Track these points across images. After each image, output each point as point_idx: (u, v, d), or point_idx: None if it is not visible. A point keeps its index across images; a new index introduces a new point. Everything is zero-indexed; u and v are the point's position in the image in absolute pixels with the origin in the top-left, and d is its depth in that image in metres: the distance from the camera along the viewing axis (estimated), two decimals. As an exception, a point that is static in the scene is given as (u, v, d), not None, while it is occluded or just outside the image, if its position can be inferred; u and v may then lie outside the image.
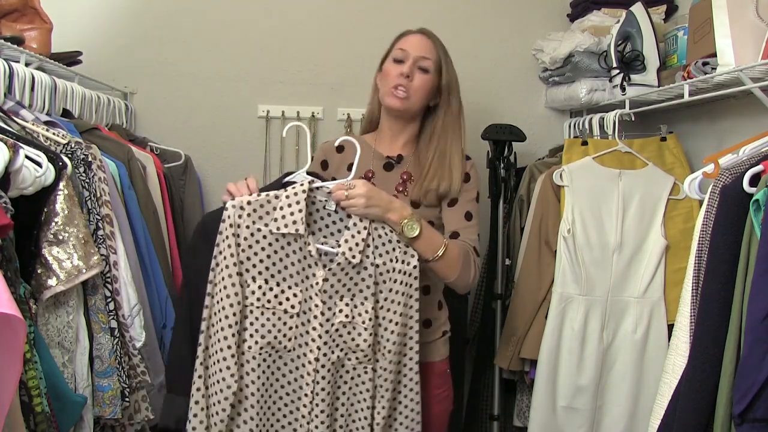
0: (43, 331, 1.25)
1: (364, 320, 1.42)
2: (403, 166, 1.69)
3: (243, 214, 1.38)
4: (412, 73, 1.63)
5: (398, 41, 1.70)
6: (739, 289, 1.16)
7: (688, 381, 1.24)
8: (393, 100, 1.64)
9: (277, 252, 1.40)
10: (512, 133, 2.37)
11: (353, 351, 1.43)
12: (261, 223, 1.39)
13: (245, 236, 1.38)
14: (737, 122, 1.93)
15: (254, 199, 1.39)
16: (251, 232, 1.38)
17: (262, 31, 2.56)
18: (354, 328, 1.42)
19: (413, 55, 1.64)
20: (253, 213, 1.39)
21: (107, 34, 2.46)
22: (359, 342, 1.42)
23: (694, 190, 1.47)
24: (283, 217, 1.38)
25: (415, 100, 1.65)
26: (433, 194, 1.63)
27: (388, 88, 1.65)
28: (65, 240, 1.26)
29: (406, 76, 1.62)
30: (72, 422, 1.26)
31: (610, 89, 2.26)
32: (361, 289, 1.42)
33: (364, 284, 1.42)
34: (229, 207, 1.38)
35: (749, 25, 1.55)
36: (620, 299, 1.97)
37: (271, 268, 1.40)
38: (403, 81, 1.62)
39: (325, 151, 1.75)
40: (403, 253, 1.44)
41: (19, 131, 1.35)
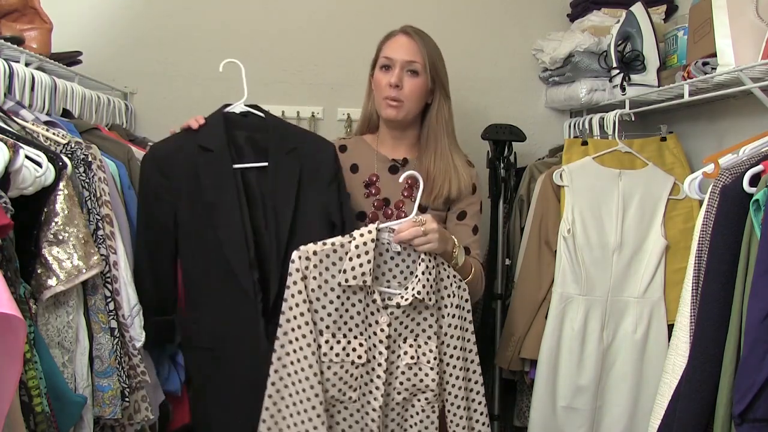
0: (43, 331, 1.25)
1: (429, 359, 1.42)
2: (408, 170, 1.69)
3: (310, 265, 1.36)
4: (401, 80, 1.62)
5: (383, 46, 1.68)
6: (739, 289, 1.16)
7: (688, 381, 1.24)
8: (389, 110, 1.64)
9: (344, 303, 1.39)
10: (512, 133, 2.36)
11: (422, 391, 1.43)
12: (328, 274, 1.37)
13: (312, 288, 1.37)
14: (737, 122, 1.93)
15: (320, 249, 1.37)
16: (318, 284, 1.37)
17: (262, 31, 2.56)
18: (420, 369, 1.42)
19: (400, 61, 1.63)
20: (320, 264, 1.37)
21: (107, 34, 2.46)
22: (427, 382, 1.42)
23: (694, 190, 1.47)
24: (353, 268, 1.35)
25: (411, 106, 1.64)
26: (442, 199, 1.63)
27: (381, 99, 1.65)
28: (65, 240, 1.26)
29: (395, 86, 1.62)
30: (72, 422, 1.26)
31: (610, 89, 2.26)
32: (423, 329, 1.42)
33: (426, 323, 1.42)
34: (296, 258, 1.36)
35: (749, 25, 1.55)
36: (620, 299, 1.97)
37: (338, 320, 1.39)
38: (393, 92, 1.62)
39: None
40: (457, 288, 1.45)
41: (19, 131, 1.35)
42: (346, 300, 1.39)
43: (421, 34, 1.67)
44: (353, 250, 1.36)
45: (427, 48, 1.65)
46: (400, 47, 1.64)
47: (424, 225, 1.39)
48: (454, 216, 1.65)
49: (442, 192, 1.63)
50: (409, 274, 1.42)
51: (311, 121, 2.56)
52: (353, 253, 1.35)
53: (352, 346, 1.39)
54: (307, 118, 2.55)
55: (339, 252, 1.37)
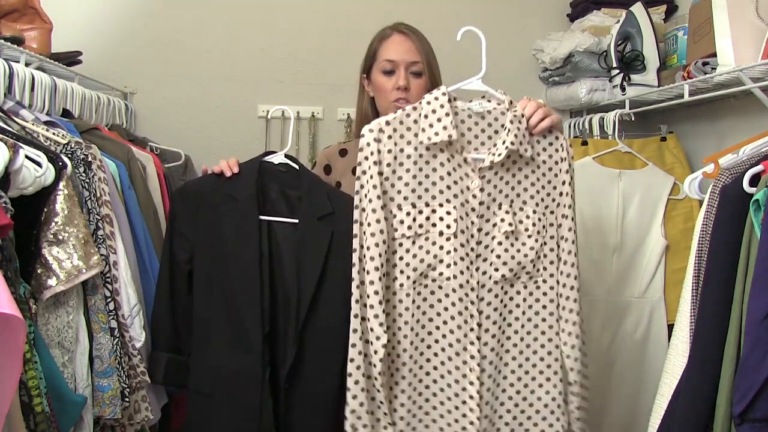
0: (43, 331, 1.25)
1: (527, 226, 1.28)
2: None
3: (383, 137, 1.25)
4: (408, 81, 1.62)
5: (380, 47, 1.67)
6: (739, 289, 1.16)
7: (688, 381, 1.24)
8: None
9: (423, 169, 1.26)
10: (512, 133, 2.36)
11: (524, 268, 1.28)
12: (403, 141, 1.25)
13: (388, 162, 1.25)
14: (737, 122, 1.93)
15: (391, 118, 1.26)
16: (394, 156, 1.25)
17: (262, 31, 2.56)
18: (517, 239, 1.28)
19: (404, 63, 1.62)
20: (394, 133, 1.25)
21: (107, 34, 2.46)
22: (526, 252, 1.28)
23: (694, 190, 1.47)
24: (431, 125, 1.23)
25: None
26: None
27: (388, 103, 1.64)
28: (65, 240, 1.26)
29: (404, 88, 1.61)
30: (72, 422, 1.26)
31: (610, 89, 2.26)
32: (518, 193, 1.28)
33: (521, 187, 1.28)
34: (366, 132, 1.25)
35: (749, 25, 1.55)
36: (620, 299, 1.97)
37: (417, 188, 1.26)
38: (402, 94, 1.61)
39: (328, 155, 1.74)
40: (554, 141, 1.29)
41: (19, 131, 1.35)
42: (426, 165, 1.25)
43: (414, 31, 1.67)
44: (426, 108, 1.25)
45: (423, 46, 1.65)
46: (400, 48, 1.64)
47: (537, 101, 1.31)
48: None
49: None
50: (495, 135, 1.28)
51: (311, 121, 2.56)
52: (427, 110, 1.25)
53: (438, 215, 1.26)
54: (307, 118, 2.56)
55: (413, 115, 1.25)
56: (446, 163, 1.26)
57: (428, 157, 1.26)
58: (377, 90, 1.67)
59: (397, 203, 1.26)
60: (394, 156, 1.26)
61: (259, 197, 1.52)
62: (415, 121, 1.26)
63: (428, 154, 1.26)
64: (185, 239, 1.53)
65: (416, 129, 1.26)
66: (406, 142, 1.26)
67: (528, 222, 1.29)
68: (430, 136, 1.24)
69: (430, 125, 1.24)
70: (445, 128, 1.24)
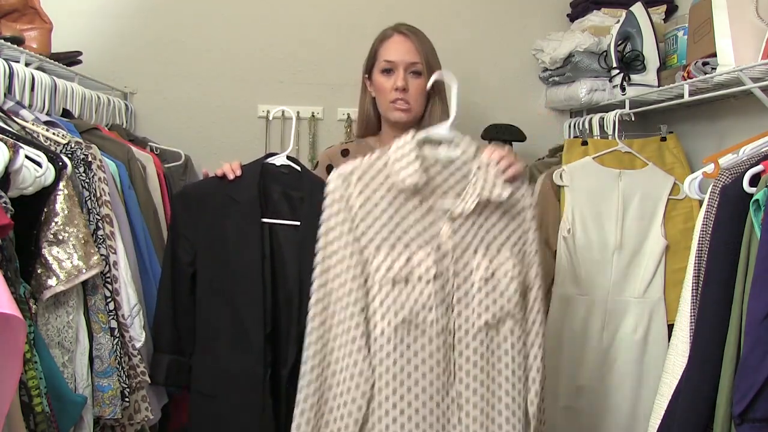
0: (43, 331, 1.25)
1: (507, 271, 1.27)
2: None
3: (352, 180, 1.22)
4: (407, 82, 1.62)
5: (380, 48, 1.67)
6: (739, 289, 1.16)
7: (688, 381, 1.24)
8: (397, 114, 1.63)
9: (398, 211, 1.23)
10: (512, 133, 2.36)
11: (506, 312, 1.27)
12: (375, 183, 1.23)
13: (359, 205, 1.22)
14: (737, 122, 1.93)
15: (358, 164, 1.24)
16: (365, 199, 1.22)
17: (262, 31, 2.56)
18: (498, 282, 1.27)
19: (403, 63, 1.62)
20: (363, 175, 1.23)
21: (107, 34, 2.46)
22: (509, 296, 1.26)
23: (694, 190, 1.47)
24: (401, 169, 1.22)
25: (418, 106, 1.65)
26: None
27: (387, 104, 1.65)
28: (65, 240, 1.26)
29: (402, 89, 1.61)
30: (72, 422, 1.26)
31: (610, 89, 2.26)
32: (494, 236, 1.28)
33: (496, 229, 1.28)
34: (332, 178, 1.23)
35: (749, 25, 1.55)
36: (620, 299, 1.97)
37: (395, 230, 1.23)
38: (400, 95, 1.62)
39: (330, 155, 1.74)
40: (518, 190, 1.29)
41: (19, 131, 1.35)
42: (401, 207, 1.23)
43: (415, 31, 1.67)
44: (393, 154, 1.24)
45: (423, 46, 1.65)
46: (400, 49, 1.64)
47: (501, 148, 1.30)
48: None
49: None
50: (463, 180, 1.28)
51: (311, 121, 2.56)
52: (396, 156, 1.23)
53: (416, 259, 1.23)
54: (307, 118, 2.55)
55: (382, 159, 1.24)
56: (418, 207, 1.25)
57: (401, 201, 1.24)
58: (377, 90, 1.68)
59: (375, 245, 1.23)
60: (366, 197, 1.23)
61: (261, 199, 1.53)
62: (385, 164, 1.24)
63: (400, 197, 1.24)
64: (187, 241, 1.53)
65: (386, 172, 1.24)
66: (378, 183, 1.24)
67: (508, 265, 1.28)
68: (403, 179, 1.23)
69: (400, 169, 1.23)
70: (415, 171, 1.22)
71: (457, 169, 1.28)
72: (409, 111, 1.64)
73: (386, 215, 1.24)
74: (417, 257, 1.24)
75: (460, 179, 1.28)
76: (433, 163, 1.27)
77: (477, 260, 1.26)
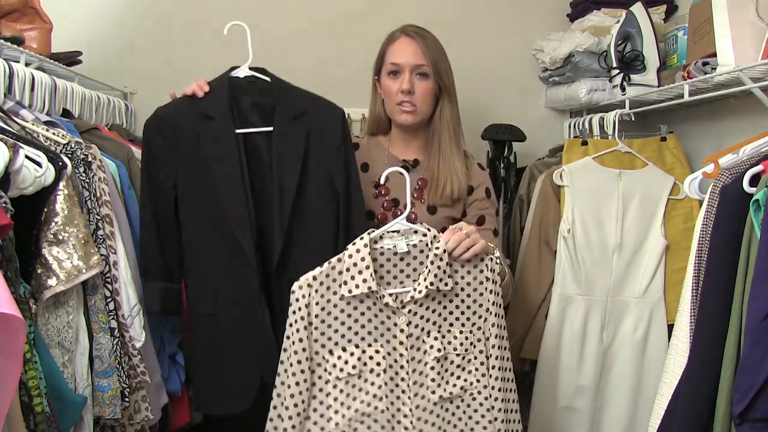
0: (43, 331, 1.25)
1: (455, 346, 1.37)
2: (419, 171, 1.68)
3: (311, 291, 1.32)
4: (412, 84, 1.62)
5: (387, 50, 1.67)
6: (739, 290, 1.16)
7: (688, 381, 1.24)
8: (403, 116, 1.63)
9: (351, 315, 1.34)
10: (512, 133, 2.37)
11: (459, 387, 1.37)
12: (330, 293, 1.33)
13: (316, 312, 1.33)
14: (737, 122, 1.93)
15: (318, 273, 1.33)
16: (322, 307, 1.33)
17: (262, 30, 2.55)
18: (445, 358, 1.37)
19: (408, 66, 1.62)
20: (320, 286, 1.33)
21: (107, 34, 2.45)
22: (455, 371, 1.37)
23: (694, 190, 1.47)
24: (353, 278, 1.32)
25: (424, 109, 1.65)
26: (448, 198, 1.64)
27: (393, 106, 1.64)
28: (65, 240, 1.26)
29: (407, 92, 1.61)
30: (72, 422, 1.26)
31: (610, 89, 2.26)
32: (444, 317, 1.37)
33: (447, 311, 1.37)
34: (296, 289, 1.32)
35: (749, 25, 1.55)
36: (620, 299, 1.97)
37: (347, 333, 1.34)
38: (406, 98, 1.62)
39: None
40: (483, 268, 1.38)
41: (19, 131, 1.35)
42: (354, 311, 1.34)
43: (423, 34, 1.65)
44: (348, 261, 1.33)
45: (430, 49, 1.63)
46: (406, 51, 1.63)
47: (462, 229, 1.35)
48: (473, 221, 1.65)
49: (446, 192, 1.63)
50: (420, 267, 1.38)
51: (311, 121, 2.55)
52: (349, 264, 1.33)
53: (368, 355, 1.34)
54: (307, 118, 2.55)
55: (337, 267, 1.34)
56: (372, 306, 1.35)
57: (355, 303, 1.34)
58: (384, 93, 1.68)
59: (329, 348, 1.34)
60: (322, 307, 1.33)
61: (234, 111, 1.57)
62: (340, 273, 1.33)
63: (354, 300, 1.34)
64: (167, 164, 1.56)
65: (340, 281, 1.33)
66: (332, 293, 1.34)
67: (456, 342, 1.37)
68: (351, 289, 1.32)
69: (351, 277, 1.32)
70: (365, 281, 1.31)
71: (413, 258, 1.37)
72: (415, 113, 1.63)
73: (339, 320, 1.34)
74: (369, 352, 1.34)
75: (418, 265, 1.37)
76: (393, 255, 1.36)
77: (430, 342, 1.35)
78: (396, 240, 1.37)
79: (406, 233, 1.37)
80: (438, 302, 1.37)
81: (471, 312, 1.38)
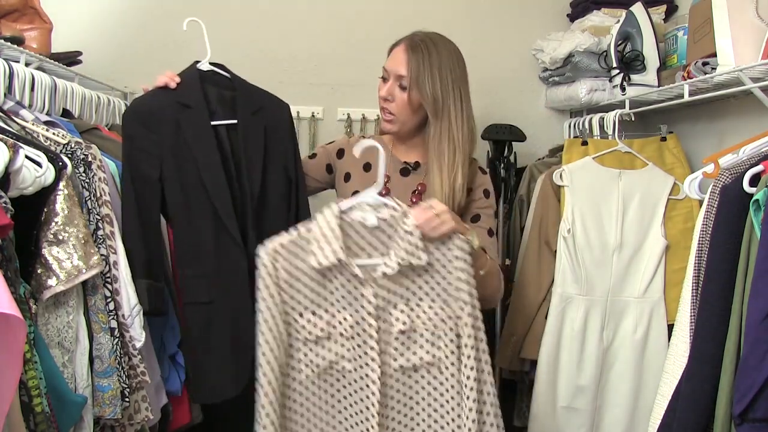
0: (43, 331, 1.25)
1: (424, 321, 1.37)
2: (420, 174, 1.67)
3: (278, 257, 1.34)
4: (392, 93, 1.61)
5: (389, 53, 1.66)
6: (739, 289, 1.16)
7: (688, 381, 1.24)
8: (383, 124, 1.67)
9: (320, 282, 1.36)
10: (512, 133, 2.37)
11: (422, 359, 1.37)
12: (298, 260, 1.35)
13: (285, 278, 1.35)
14: (737, 122, 1.93)
15: (286, 240, 1.35)
16: (290, 273, 1.35)
17: (262, 31, 2.56)
18: (414, 330, 1.37)
19: (393, 74, 1.61)
20: (288, 254, 1.34)
21: (107, 34, 2.46)
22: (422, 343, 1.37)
23: (694, 190, 1.47)
24: (321, 249, 1.33)
25: (403, 119, 1.62)
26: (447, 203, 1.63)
27: (380, 110, 1.66)
28: (65, 240, 1.26)
29: (384, 98, 1.61)
30: (72, 422, 1.26)
31: (610, 89, 2.26)
32: (413, 291, 1.37)
33: (416, 286, 1.37)
34: (263, 255, 1.34)
35: (749, 25, 1.55)
36: (620, 299, 1.97)
37: (316, 299, 1.36)
38: (383, 104, 1.63)
39: (345, 143, 1.77)
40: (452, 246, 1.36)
41: (19, 131, 1.35)
42: (323, 278, 1.36)
43: (420, 46, 1.59)
44: (317, 231, 1.34)
45: (418, 63, 1.57)
46: (395, 59, 1.61)
47: (433, 208, 1.35)
48: (468, 219, 1.64)
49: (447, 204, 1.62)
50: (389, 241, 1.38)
51: (311, 122, 2.56)
52: (318, 234, 1.33)
53: (337, 320, 1.37)
54: (307, 118, 2.55)
55: (305, 237, 1.35)
56: (339, 276, 1.36)
57: (324, 272, 1.36)
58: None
59: (299, 311, 1.36)
60: (290, 273, 1.35)
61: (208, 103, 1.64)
62: (308, 242, 1.35)
63: (324, 269, 1.35)
64: (151, 156, 1.58)
65: (309, 250, 1.34)
66: (301, 260, 1.35)
67: (425, 317, 1.37)
68: (320, 261, 1.33)
69: (320, 248, 1.34)
70: (334, 252, 1.33)
71: (382, 232, 1.37)
72: (393, 122, 1.62)
73: (309, 287, 1.36)
74: (338, 317, 1.37)
75: (387, 239, 1.37)
76: (362, 227, 1.37)
77: (396, 315, 1.36)
78: (366, 213, 1.37)
79: (377, 206, 1.37)
80: (406, 276, 1.37)
81: (441, 288, 1.38)
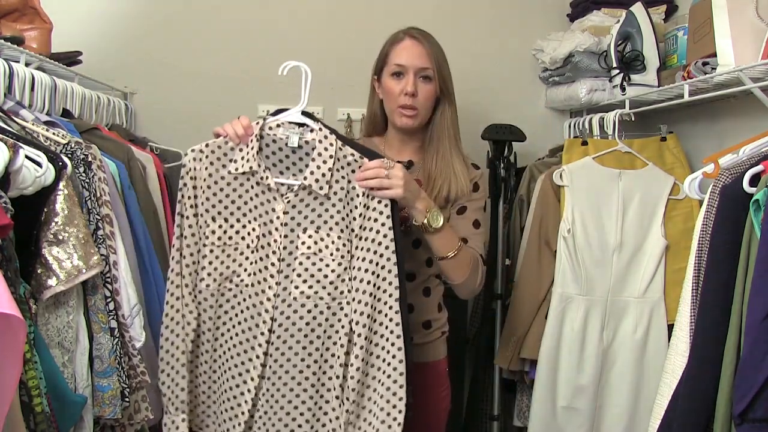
0: (43, 331, 1.25)
1: (332, 251, 1.38)
2: (414, 173, 1.67)
3: (202, 157, 1.42)
4: (416, 87, 1.61)
5: (391, 51, 1.65)
6: (739, 290, 1.16)
7: (688, 381, 1.24)
8: (404, 120, 1.62)
9: (236, 190, 1.43)
10: (512, 133, 2.37)
11: (324, 287, 1.37)
12: (219, 164, 1.42)
13: (204, 178, 1.42)
14: (737, 122, 1.93)
15: (211, 142, 1.43)
16: (209, 174, 1.42)
17: (262, 30, 2.56)
18: (321, 259, 1.38)
19: (413, 68, 1.60)
20: (211, 155, 1.42)
21: (107, 34, 2.46)
22: (327, 273, 1.37)
23: (694, 190, 1.47)
24: (242, 158, 1.40)
25: (425, 112, 1.63)
26: (442, 200, 1.63)
27: (395, 107, 1.62)
28: (65, 240, 1.26)
29: (411, 94, 1.60)
30: (72, 422, 1.26)
31: (610, 89, 2.26)
32: (325, 220, 1.39)
33: (328, 215, 1.39)
34: (189, 152, 1.42)
35: (749, 25, 1.55)
36: (620, 299, 1.97)
37: (230, 206, 1.43)
38: (409, 101, 1.60)
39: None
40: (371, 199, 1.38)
41: (19, 131, 1.35)
42: (239, 186, 1.42)
43: (427, 36, 1.64)
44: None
45: (435, 52, 1.62)
46: (411, 53, 1.61)
47: (390, 169, 1.35)
48: (454, 211, 1.64)
49: (442, 193, 1.62)
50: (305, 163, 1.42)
51: (311, 121, 2.55)
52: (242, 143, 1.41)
53: (246, 230, 1.42)
54: (307, 118, 2.55)
55: (230, 144, 1.42)
56: (255, 186, 1.42)
57: (241, 180, 1.42)
58: (386, 93, 1.66)
59: (211, 215, 1.43)
60: (209, 174, 1.42)
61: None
62: (231, 149, 1.42)
63: (241, 177, 1.42)
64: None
65: (229, 157, 1.42)
66: (221, 165, 1.43)
67: (333, 247, 1.39)
68: (237, 167, 1.41)
69: (240, 157, 1.41)
70: (248, 161, 1.40)
71: (305, 154, 1.42)
72: (416, 117, 1.62)
73: (224, 193, 1.43)
74: (247, 228, 1.42)
75: (305, 161, 1.42)
76: (284, 145, 1.42)
77: (303, 238, 1.39)
78: (290, 132, 1.42)
79: (301, 128, 1.42)
80: (320, 203, 1.40)
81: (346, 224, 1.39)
